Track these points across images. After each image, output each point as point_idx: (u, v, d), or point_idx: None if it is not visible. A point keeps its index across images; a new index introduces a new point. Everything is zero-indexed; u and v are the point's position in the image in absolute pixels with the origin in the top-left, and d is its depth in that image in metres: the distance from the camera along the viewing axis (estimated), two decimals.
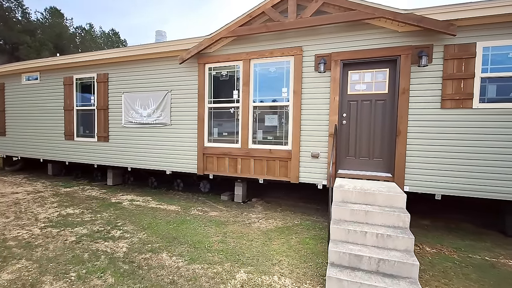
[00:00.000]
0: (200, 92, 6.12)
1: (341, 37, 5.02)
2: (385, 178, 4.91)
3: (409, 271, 3.10)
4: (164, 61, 6.45)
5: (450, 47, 4.45)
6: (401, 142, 4.74)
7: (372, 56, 4.87)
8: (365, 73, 5.09)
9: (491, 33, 4.27)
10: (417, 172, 4.70)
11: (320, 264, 3.74)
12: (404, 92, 4.68)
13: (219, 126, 6.18)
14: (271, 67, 5.60)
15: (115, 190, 7.44)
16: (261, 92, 5.72)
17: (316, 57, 5.19)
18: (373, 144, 5.09)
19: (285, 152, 5.50)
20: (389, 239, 3.43)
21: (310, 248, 4.25)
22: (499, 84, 4.33)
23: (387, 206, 3.92)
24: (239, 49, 5.75)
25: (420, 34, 4.57)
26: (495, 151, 4.34)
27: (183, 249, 4.09)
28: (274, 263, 3.74)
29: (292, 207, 6.42)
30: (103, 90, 7.17)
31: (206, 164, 6.21)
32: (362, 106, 5.14)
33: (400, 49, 4.68)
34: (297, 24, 5.04)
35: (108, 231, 4.67)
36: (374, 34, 4.85)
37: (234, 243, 4.37)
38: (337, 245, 3.49)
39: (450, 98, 4.49)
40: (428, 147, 4.64)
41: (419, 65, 4.55)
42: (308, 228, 5.06)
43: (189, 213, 5.82)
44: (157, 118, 6.60)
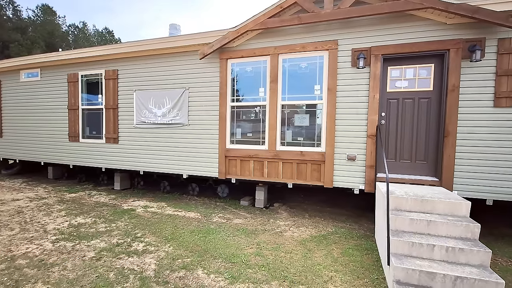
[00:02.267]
0: (222, 89, 5.66)
1: (382, 30, 4.64)
2: (430, 182, 4.54)
3: None
4: (182, 56, 5.96)
5: (506, 41, 4.11)
6: (450, 143, 4.37)
7: (417, 50, 4.49)
8: (406, 69, 4.72)
9: None
10: (467, 176, 4.35)
11: (377, 281, 3.32)
12: (453, 89, 4.32)
13: (242, 127, 5.72)
14: (302, 62, 5.18)
15: (124, 195, 6.89)
16: (290, 90, 5.29)
17: (353, 51, 4.79)
18: (416, 145, 4.72)
19: (318, 154, 5.09)
20: (461, 253, 3.04)
21: (357, 260, 3.84)
22: None
23: (449, 215, 3.54)
24: (265, 43, 5.32)
25: (472, 26, 4.23)
26: None
27: (219, 265, 3.63)
28: (325, 280, 3.32)
29: (319, 212, 6.01)
30: (112, 87, 6.62)
31: (229, 168, 5.74)
32: (403, 104, 4.76)
33: (450, 43, 4.32)
34: (334, 16, 4.64)
35: (129, 244, 4.16)
36: (419, 27, 4.48)
37: (272, 256, 3.93)
38: (402, 260, 3.09)
39: (505, 96, 4.15)
40: (480, 148, 4.29)
41: (471, 60, 4.20)
42: (346, 237, 4.66)
43: (211, 220, 5.35)
44: (173, 118, 6.10)
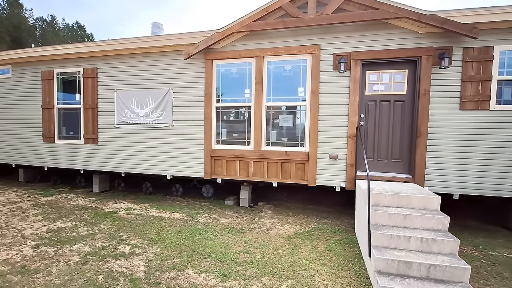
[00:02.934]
0: (207, 90, 5.68)
1: (362, 36, 4.92)
2: (405, 180, 4.90)
3: (460, 276, 3.03)
4: (166, 55, 5.89)
5: (469, 50, 4.54)
6: (422, 143, 4.75)
7: (392, 56, 4.83)
8: (383, 74, 5.05)
9: (507, 37, 4.43)
10: (437, 172, 4.75)
11: (359, 272, 3.56)
12: (425, 93, 4.70)
13: (228, 127, 5.78)
14: (286, 65, 5.35)
15: (104, 198, 6.68)
16: (275, 91, 5.44)
17: (334, 56, 5.04)
18: (392, 145, 5.06)
19: (302, 154, 5.29)
20: (434, 243, 3.35)
21: (340, 254, 4.07)
22: None
23: (422, 209, 3.87)
24: (251, 45, 5.42)
25: (441, 36, 4.62)
26: (509, 151, 4.51)
27: (209, 264, 3.69)
28: (312, 274, 3.49)
29: (302, 210, 6.23)
30: (91, 86, 6.39)
31: (215, 168, 5.78)
32: (380, 107, 5.08)
33: (421, 50, 4.69)
34: (317, 21, 4.85)
35: (115, 246, 4.09)
36: (395, 35, 4.81)
37: (260, 253, 4.05)
38: (382, 252, 3.34)
39: (469, 100, 4.58)
40: (447, 148, 4.70)
41: (440, 67, 4.59)
42: (328, 233, 4.89)
43: (197, 221, 5.37)
44: (156, 118, 6.01)
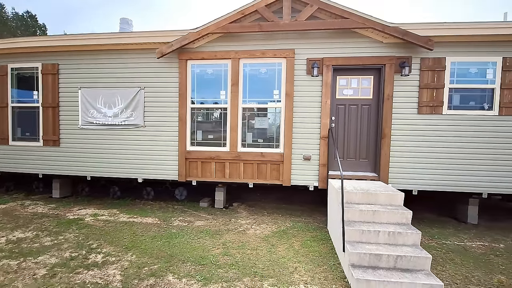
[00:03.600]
0: (182, 90, 5.55)
1: (333, 43, 5.19)
2: (371, 178, 5.29)
3: (423, 264, 3.38)
4: (137, 53, 5.63)
5: (426, 60, 5.04)
6: (386, 144, 5.17)
7: (360, 63, 5.17)
8: (352, 79, 5.38)
9: (457, 50, 5.00)
10: (399, 171, 5.20)
11: (334, 267, 3.78)
12: (388, 98, 5.11)
13: (203, 129, 5.72)
14: (262, 67, 5.45)
15: (67, 204, 6.19)
16: (251, 94, 5.51)
17: (308, 60, 5.25)
18: (359, 146, 5.43)
19: (277, 155, 5.43)
20: (399, 236, 3.69)
21: (315, 250, 4.28)
22: (462, 94, 5.11)
23: (388, 205, 4.22)
24: (227, 46, 5.42)
25: (402, 46, 5.06)
26: (458, 151, 5.10)
27: (188, 268, 3.64)
28: (291, 271, 3.63)
29: (276, 209, 6.40)
30: (51, 84, 5.86)
31: (189, 170, 5.68)
32: (349, 110, 5.42)
33: (385, 59, 5.09)
34: (292, 27, 5.01)
35: (85, 256, 3.84)
36: (362, 43, 5.16)
37: (240, 254, 4.10)
38: (355, 246, 3.59)
39: (425, 105, 5.09)
40: (407, 148, 5.17)
41: (401, 75, 5.03)
42: (303, 230, 5.10)
43: (172, 224, 5.25)
44: (126, 119, 5.73)
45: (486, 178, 5.08)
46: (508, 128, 5.00)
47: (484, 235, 5.05)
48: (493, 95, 5.02)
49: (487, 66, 4.99)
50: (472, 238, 4.93)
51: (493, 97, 5.02)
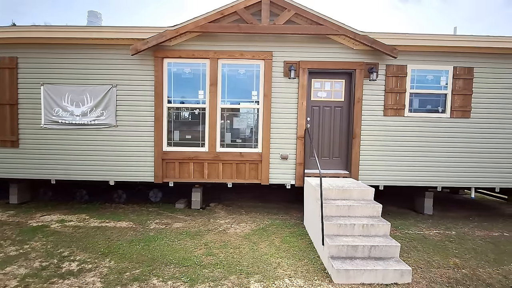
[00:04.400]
0: (158, 89, 5.39)
1: (308, 48, 5.45)
2: (343, 175, 5.65)
3: (393, 252, 3.74)
4: (109, 49, 5.33)
5: (390, 67, 5.53)
6: (356, 143, 5.56)
7: (333, 67, 5.50)
8: (325, 82, 5.70)
9: (417, 58, 5.56)
10: (368, 168, 5.63)
11: (314, 260, 4.00)
12: (358, 101, 5.51)
13: (181, 129, 5.61)
14: (241, 68, 5.51)
15: (28, 210, 5.65)
16: (230, 94, 5.54)
17: (285, 63, 5.44)
18: (333, 145, 5.77)
19: (256, 154, 5.55)
20: (372, 228, 4.03)
21: (295, 246, 4.48)
22: (421, 98, 5.69)
23: (361, 200, 4.57)
24: (205, 46, 5.38)
25: (370, 53, 5.48)
26: (417, 149, 5.68)
27: (173, 270, 3.60)
28: (275, 267, 3.77)
29: (253, 208, 6.51)
30: (8, 79, 5.28)
31: (166, 171, 5.54)
32: (323, 111, 5.73)
33: (355, 64, 5.48)
34: (270, 30, 5.16)
35: (58, 265, 3.59)
36: (335, 49, 5.49)
37: (223, 253, 4.14)
38: (333, 239, 3.85)
39: (390, 107, 5.58)
40: (375, 147, 5.62)
41: (370, 79, 5.45)
42: (281, 227, 5.28)
43: (149, 227, 5.10)
44: (96, 118, 5.40)
45: (440, 173, 5.73)
46: (457, 129, 5.68)
47: (439, 224, 5.69)
48: (445, 100, 5.67)
49: (441, 74, 5.63)
50: (429, 227, 5.53)
51: (445, 102, 5.67)
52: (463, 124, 5.67)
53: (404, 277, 3.43)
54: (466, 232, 5.30)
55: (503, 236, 5.15)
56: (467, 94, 5.61)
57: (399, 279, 3.42)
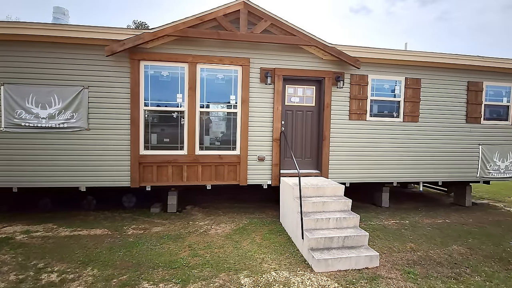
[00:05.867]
0: (134, 92, 5.28)
1: (283, 56, 5.81)
2: (315, 174, 6.13)
3: (363, 241, 4.25)
4: (80, 49, 5.06)
5: (354, 76, 6.16)
6: (326, 144, 6.08)
7: (305, 75, 5.95)
8: (298, 88, 6.12)
9: (376, 69, 6.28)
10: (336, 167, 6.19)
11: (294, 253, 4.35)
12: (327, 106, 6.04)
13: (159, 132, 5.55)
14: (219, 73, 5.66)
15: None
16: (209, 98, 5.65)
17: (261, 70, 5.73)
18: (305, 146, 6.22)
19: (235, 157, 5.74)
20: (344, 221, 4.51)
21: (275, 241, 4.78)
22: (379, 105, 6.43)
23: (333, 196, 5.05)
24: (184, 50, 5.42)
25: (337, 63, 6.04)
26: (376, 149, 6.41)
27: (162, 273, 3.64)
28: (260, 262, 4.03)
29: (230, 208, 6.69)
30: None
31: (144, 175, 5.44)
32: (296, 115, 6.15)
33: (324, 73, 6.00)
34: (248, 38, 5.40)
35: (36, 277, 3.39)
36: (307, 58, 5.94)
37: (208, 253, 4.27)
38: (312, 233, 4.23)
39: (354, 112, 6.21)
40: (342, 148, 6.21)
41: (337, 87, 6.01)
42: (260, 225, 5.55)
43: (127, 233, 4.99)
44: (66, 121, 5.08)
45: (396, 170, 6.54)
46: (408, 132, 6.55)
47: (395, 215, 6.48)
48: (399, 106, 6.50)
49: (395, 83, 6.44)
50: (387, 218, 6.28)
51: (399, 108, 6.50)
52: (413, 127, 6.55)
53: (373, 262, 3.94)
54: (417, 220, 6.15)
55: (445, 222, 6.08)
56: (416, 102, 6.51)
57: (369, 264, 3.92)
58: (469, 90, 6.74)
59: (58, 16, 6.03)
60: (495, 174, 7.04)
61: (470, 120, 6.78)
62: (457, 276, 3.73)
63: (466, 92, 6.74)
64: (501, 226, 5.88)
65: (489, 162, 6.94)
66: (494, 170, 7.01)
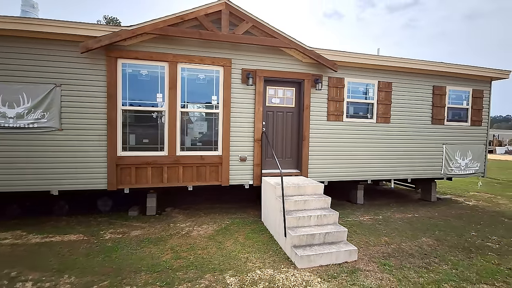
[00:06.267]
0: (111, 91, 5.08)
1: (264, 57, 5.90)
2: (295, 173, 6.29)
3: (342, 236, 4.45)
4: (52, 45, 4.76)
5: (332, 79, 6.41)
6: (306, 145, 6.27)
7: (285, 77, 6.08)
8: (278, 90, 6.25)
9: (351, 73, 6.58)
10: (315, 166, 6.41)
11: (277, 251, 4.45)
12: (307, 107, 6.22)
13: (138, 132, 5.38)
14: (201, 73, 5.61)
15: None
16: (190, 97, 5.58)
17: (243, 71, 5.78)
18: (285, 146, 6.36)
19: (216, 157, 5.72)
20: (324, 218, 4.69)
21: (258, 240, 4.85)
22: (354, 106, 6.75)
23: (314, 194, 5.22)
24: (164, 49, 5.31)
25: (316, 66, 6.25)
26: (352, 149, 6.72)
27: (145, 278, 3.56)
28: (245, 262, 4.07)
29: (211, 209, 6.66)
30: None
31: (121, 177, 5.24)
32: (276, 116, 6.27)
33: (304, 75, 6.18)
34: (230, 38, 5.41)
35: (9, 286, 3.16)
36: (287, 60, 6.08)
37: (192, 255, 4.24)
38: (295, 231, 4.36)
39: (332, 114, 6.47)
40: (321, 148, 6.43)
41: (316, 89, 6.23)
42: (242, 225, 5.59)
43: (104, 238, 4.80)
44: (36, 121, 4.75)
45: (370, 169, 6.90)
46: (381, 132, 6.94)
47: (369, 211, 6.84)
48: (373, 108, 6.87)
49: (369, 86, 6.80)
50: (362, 214, 6.61)
51: (373, 109, 6.86)
52: (385, 128, 6.95)
53: (352, 256, 4.15)
54: (389, 215, 6.54)
55: (414, 217, 6.53)
56: (388, 104, 6.92)
57: (348, 258, 4.12)
58: (434, 94, 7.29)
59: (27, 9, 5.61)
60: (456, 171, 7.69)
61: (435, 121, 7.35)
62: (427, 265, 4.05)
63: (431, 95, 7.29)
64: (463, 219, 6.43)
65: (451, 160, 7.56)
66: (456, 168, 7.66)
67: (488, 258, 4.32)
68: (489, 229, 5.76)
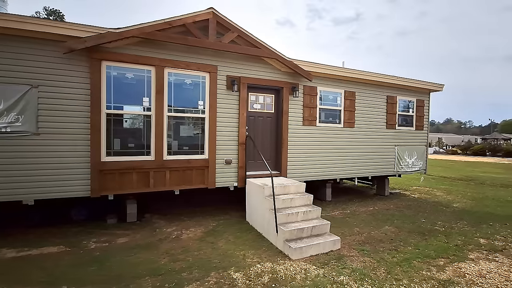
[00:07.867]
0: (95, 94, 4.86)
1: (247, 65, 6.23)
2: (275, 175, 6.72)
3: (325, 229, 5.00)
4: (29, 43, 4.37)
5: (306, 87, 7.04)
6: (284, 147, 6.76)
7: (266, 84, 6.50)
8: (259, 96, 6.64)
9: (323, 82, 7.30)
10: (293, 168, 6.93)
11: (269, 246, 4.81)
12: (285, 113, 6.73)
13: (123, 137, 5.21)
14: (187, 79, 5.68)
15: None
16: (176, 102, 5.61)
17: (228, 77, 6.02)
18: (265, 149, 6.76)
19: (203, 161, 5.84)
20: (309, 213, 5.19)
21: (248, 239, 5.15)
22: (325, 113, 7.48)
23: (297, 193, 5.71)
24: (150, 53, 5.27)
25: (293, 75, 6.80)
26: (324, 151, 7.43)
27: (150, 281, 3.60)
28: (242, 258, 4.34)
29: (193, 213, 6.70)
30: None
31: (105, 183, 5.03)
32: (257, 121, 6.64)
33: (283, 83, 6.68)
34: (216, 46, 5.62)
35: None
36: (267, 68, 6.51)
37: (190, 257, 4.36)
38: (286, 226, 4.76)
39: (307, 119, 7.09)
40: (297, 150, 6.99)
41: (293, 96, 6.77)
42: (228, 226, 5.81)
43: (89, 248, 4.61)
44: (9, 124, 4.31)
45: (338, 169, 7.70)
46: (347, 136, 7.80)
47: (337, 207, 7.62)
48: (340, 114, 7.70)
49: (337, 95, 7.61)
50: (332, 209, 7.34)
51: (340, 115, 7.69)
52: (350, 132, 7.84)
53: (336, 245, 4.71)
54: (355, 210, 7.39)
55: (375, 209, 7.48)
56: (352, 111, 7.83)
57: (333, 247, 4.67)
58: (388, 102, 8.46)
59: None
60: (405, 169, 9.00)
61: (389, 126, 8.52)
62: (396, 248, 4.81)
63: (386, 103, 8.44)
64: (412, 209, 7.59)
65: (402, 159, 8.83)
66: (405, 166, 8.96)
67: (439, 239, 5.29)
68: (433, 216, 6.94)
